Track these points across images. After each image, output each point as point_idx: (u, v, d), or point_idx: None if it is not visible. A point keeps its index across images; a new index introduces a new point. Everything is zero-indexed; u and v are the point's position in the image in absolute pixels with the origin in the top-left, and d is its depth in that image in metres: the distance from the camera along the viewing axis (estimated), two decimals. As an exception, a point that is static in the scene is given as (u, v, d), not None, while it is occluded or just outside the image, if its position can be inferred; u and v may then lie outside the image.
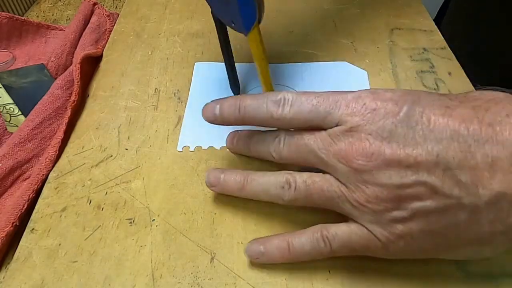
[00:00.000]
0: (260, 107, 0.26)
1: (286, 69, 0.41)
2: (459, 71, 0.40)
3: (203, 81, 0.40)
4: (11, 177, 0.32)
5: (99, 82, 0.41)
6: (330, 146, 0.24)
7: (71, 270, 0.27)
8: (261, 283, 0.26)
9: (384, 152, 0.22)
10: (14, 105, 0.37)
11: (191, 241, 0.28)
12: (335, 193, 0.24)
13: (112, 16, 0.49)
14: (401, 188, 0.21)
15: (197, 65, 0.42)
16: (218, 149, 0.33)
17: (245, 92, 0.39)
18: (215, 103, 0.28)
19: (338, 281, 0.26)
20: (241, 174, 0.28)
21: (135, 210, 0.30)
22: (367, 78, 0.39)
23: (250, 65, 0.41)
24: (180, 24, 0.48)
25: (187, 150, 0.34)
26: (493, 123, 0.20)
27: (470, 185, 0.20)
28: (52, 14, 0.54)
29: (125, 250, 0.27)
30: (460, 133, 0.20)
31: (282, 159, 0.27)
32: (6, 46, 0.46)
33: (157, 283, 0.26)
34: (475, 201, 0.20)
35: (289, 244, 0.25)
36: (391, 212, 0.22)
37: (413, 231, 0.22)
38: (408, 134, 0.21)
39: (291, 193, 0.26)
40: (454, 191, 0.20)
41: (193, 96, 0.38)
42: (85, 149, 0.34)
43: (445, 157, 0.20)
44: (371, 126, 0.22)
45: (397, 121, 0.22)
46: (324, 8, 0.48)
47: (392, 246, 0.23)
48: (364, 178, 0.22)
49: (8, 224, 0.29)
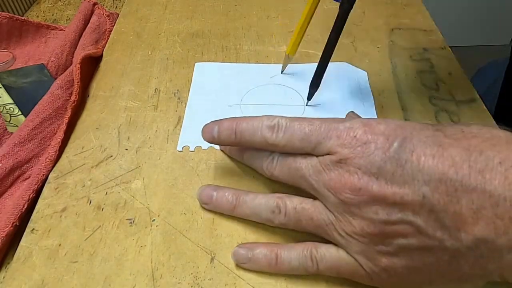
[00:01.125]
0: (255, 133, 0.27)
1: (286, 70, 0.41)
2: (459, 71, 0.40)
3: (203, 81, 0.40)
4: (11, 177, 0.32)
5: (99, 82, 0.41)
6: (320, 174, 0.24)
7: (71, 270, 0.27)
8: (261, 283, 0.26)
9: (371, 188, 0.22)
10: (14, 105, 0.37)
11: (191, 241, 0.28)
12: (324, 222, 0.24)
13: (112, 16, 0.49)
14: (387, 224, 0.22)
15: (197, 65, 0.42)
16: (217, 150, 0.33)
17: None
18: (213, 124, 0.29)
19: (338, 281, 0.26)
20: (233, 194, 0.28)
21: (135, 210, 0.30)
22: (367, 78, 0.39)
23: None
24: (180, 24, 0.48)
25: (187, 150, 0.34)
26: (484, 170, 0.20)
27: (453, 229, 0.20)
28: (52, 14, 0.54)
29: (125, 250, 0.27)
30: (449, 177, 0.20)
31: (273, 176, 0.28)
32: (6, 46, 0.46)
33: (157, 283, 0.26)
34: (457, 245, 0.20)
35: (277, 256, 0.26)
36: (376, 245, 0.23)
37: (397, 266, 0.22)
38: (397, 172, 0.21)
39: (281, 218, 0.26)
40: (437, 233, 0.21)
41: (193, 96, 0.38)
42: (85, 149, 0.34)
43: (431, 199, 0.21)
44: (360, 160, 0.23)
45: (387, 158, 0.22)
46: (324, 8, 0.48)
47: (376, 277, 0.24)
48: (351, 210, 0.23)
49: (8, 224, 0.29)
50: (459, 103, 0.37)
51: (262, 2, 0.51)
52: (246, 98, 0.38)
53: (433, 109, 0.36)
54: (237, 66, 0.42)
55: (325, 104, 0.37)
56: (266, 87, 0.39)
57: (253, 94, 0.38)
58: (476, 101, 0.37)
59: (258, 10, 0.50)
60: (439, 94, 0.38)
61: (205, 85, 0.40)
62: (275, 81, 0.40)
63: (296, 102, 0.37)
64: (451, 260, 0.21)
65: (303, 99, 0.37)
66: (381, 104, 0.37)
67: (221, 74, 0.41)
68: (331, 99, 0.38)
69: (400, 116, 0.36)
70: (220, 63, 0.42)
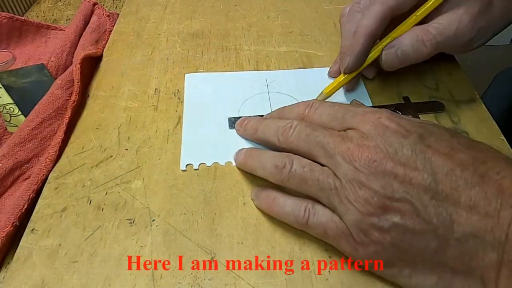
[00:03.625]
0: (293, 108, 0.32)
1: (283, 75, 0.40)
2: (459, 71, 0.40)
3: (196, 94, 0.38)
4: (11, 177, 0.32)
5: (99, 82, 0.41)
6: (339, 144, 0.26)
7: (71, 270, 0.27)
8: (261, 283, 0.26)
9: (386, 163, 0.24)
10: (14, 105, 0.37)
11: (191, 241, 0.28)
12: (329, 185, 0.25)
13: (112, 16, 0.49)
14: (390, 199, 0.23)
15: (187, 77, 0.40)
16: (222, 165, 0.32)
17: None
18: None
19: (338, 281, 0.26)
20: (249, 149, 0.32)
21: (135, 210, 0.30)
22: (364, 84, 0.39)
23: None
24: (180, 24, 0.48)
25: (191, 168, 0.32)
26: (484, 176, 0.22)
27: (448, 220, 0.22)
28: (52, 14, 0.54)
29: (125, 250, 0.27)
30: (454, 173, 0.23)
31: (286, 143, 0.29)
32: (6, 46, 0.46)
33: (157, 283, 0.26)
34: (447, 235, 0.22)
35: (275, 197, 0.28)
36: (373, 217, 0.24)
37: (386, 242, 0.23)
38: (411, 158, 0.24)
39: (285, 173, 0.27)
40: (433, 219, 0.22)
41: (188, 111, 0.37)
42: (85, 149, 0.34)
43: (435, 188, 0.23)
44: (381, 139, 0.25)
45: (405, 143, 0.24)
46: (324, 8, 0.48)
47: (362, 249, 0.24)
48: (360, 179, 0.24)
49: (8, 224, 0.29)
50: (459, 103, 0.37)
51: (262, 2, 0.51)
52: (244, 108, 0.37)
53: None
54: (230, 75, 0.40)
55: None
56: (263, 96, 0.38)
57: (250, 104, 0.37)
58: (476, 101, 0.37)
59: (258, 10, 0.50)
60: (439, 94, 0.38)
61: (198, 98, 0.38)
62: (271, 89, 0.39)
63: None
64: (438, 249, 0.23)
65: None
66: (381, 104, 0.37)
67: (214, 85, 0.39)
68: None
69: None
70: (211, 73, 0.41)
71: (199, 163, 0.33)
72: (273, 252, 0.27)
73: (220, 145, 0.34)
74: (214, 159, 0.33)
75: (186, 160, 0.33)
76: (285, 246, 0.27)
